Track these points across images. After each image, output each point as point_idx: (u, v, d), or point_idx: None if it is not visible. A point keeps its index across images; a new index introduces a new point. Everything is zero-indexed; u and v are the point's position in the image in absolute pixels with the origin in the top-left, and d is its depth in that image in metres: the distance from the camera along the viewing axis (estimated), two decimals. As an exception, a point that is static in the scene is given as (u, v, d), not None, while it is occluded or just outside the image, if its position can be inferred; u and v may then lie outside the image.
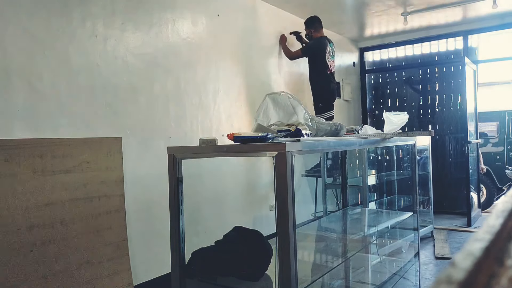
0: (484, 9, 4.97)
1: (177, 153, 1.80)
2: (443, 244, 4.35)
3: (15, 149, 2.18)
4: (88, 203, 2.50)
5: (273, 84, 4.44)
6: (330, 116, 4.41)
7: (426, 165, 4.97)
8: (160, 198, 2.60)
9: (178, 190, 1.79)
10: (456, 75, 6.01)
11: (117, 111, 2.83)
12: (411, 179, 3.09)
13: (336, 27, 5.58)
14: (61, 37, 2.53)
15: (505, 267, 0.40)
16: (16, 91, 2.29)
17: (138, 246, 2.87)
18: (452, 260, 0.37)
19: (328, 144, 1.90)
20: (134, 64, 2.95)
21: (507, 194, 0.57)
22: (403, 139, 2.84)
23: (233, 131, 3.09)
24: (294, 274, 1.45)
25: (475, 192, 5.67)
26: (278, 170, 1.45)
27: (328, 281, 2.73)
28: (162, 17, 3.19)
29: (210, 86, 3.62)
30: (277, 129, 1.92)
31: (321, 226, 3.17)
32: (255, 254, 1.77)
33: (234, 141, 1.70)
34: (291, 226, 1.43)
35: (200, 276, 1.82)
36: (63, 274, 2.33)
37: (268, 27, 4.43)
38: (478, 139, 5.82)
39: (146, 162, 2.98)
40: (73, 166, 2.44)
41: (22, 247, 2.17)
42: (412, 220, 2.97)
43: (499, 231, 0.43)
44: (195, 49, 3.48)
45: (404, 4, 4.74)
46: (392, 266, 3.19)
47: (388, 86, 6.68)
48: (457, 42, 5.98)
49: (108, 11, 2.79)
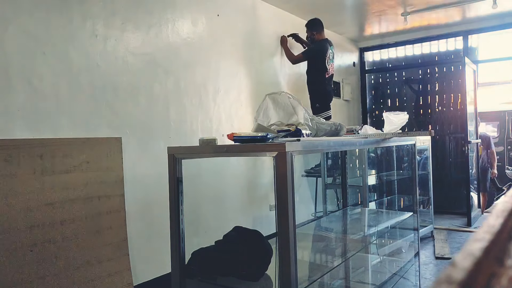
0: (484, 9, 4.97)
1: (177, 153, 1.80)
2: (443, 244, 4.35)
3: (15, 149, 2.18)
4: (88, 203, 2.50)
5: (273, 84, 4.44)
6: (328, 115, 4.43)
7: (426, 165, 4.97)
8: (160, 198, 2.60)
9: (178, 190, 1.79)
10: (456, 75, 6.01)
11: (117, 111, 2.83)
12: (411, 179, 3.09)
13: (336, 27, 5.57)
14: (61, 37, 2.53)
15: (505, 267, 0.40)
16: (16, 91, 2.29)
17: (138, 246, 2.87)
18: (452, 260, 0.37)
19: (328, 144, 1.90)
20: (134, 64, 2.95)
21: (507, 194, 0.57)
22: (403, 139, 2.84)
23: (233, 131, 3.09)
24: (294, 274, 1.45)
25: (475, 192, 5.67)
26: (278, 170, 1.45)
27: (328, 281, 2.73)
28: (162, 17, 3.19)
29: (210, 86, 3.62)
30: (277, 129, 1.92)
31: (321, 226, 3.16)
32: (255, 254, 1.77)
33: (234, 141, 1.70)
34: (291, 226, 1.43)
35: (200, 276, 1.82)
36: (63, 274, 2.33)
37: (268, 27, 4.43)
38: (478, 139, 5.82)
39: (146, 162, 2.98)
40: (73, 166, 2.44)
41: (22, 247, 2.17)
42: (412, 220, 2.97)
43: (499, 231, 0.43)
44: (195, 49, 3.48)
45: (404, 4, 4.74)
46: (392, 266, 3.19)
47: (388, 86, 6.68)
48: (457, 42, 5.98)
49: (108, 11, 2.79)
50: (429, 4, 4.77)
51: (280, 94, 2.10)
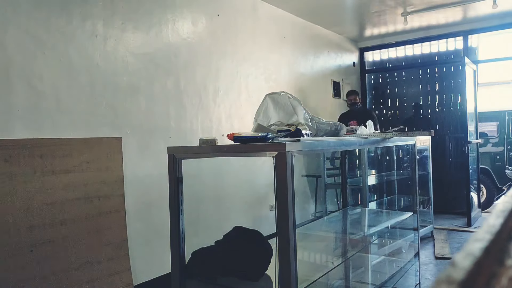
0: (484, 9, 4.97)
1: (177, 153, 1.80)
2: (443, 244, 4.35)
3: (15, 149, 2.18)
4: (88, 203, 2.50)
5: (273, 84, 4.44)
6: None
7: (426, 165, 4.97)
8: (160, 198, 2.60)
9: (178, 190, 1.79)
10: (456, 75, 6.01)
11: (117, 111, 2.83)
12: (411, 179, 3.09)
13: (336, 27, 5.57)
14: (61, 37, 2.53)
15: (505, 267, 0.40)
16: (16, 91, 2.29)
17: (138, 246, 2.87)
18: (452, 260, 0.37)
19: (328, 144, 1.90)
20: (134, 64, 2.95)
21: (507, 194, 0.57)
22: (403, 139, 2.84)
23: (233, 131, 3.08)
24: (294, 274, 1.45)
25: (475, 192, 5.67)
26: (278, 170, 1.45)
27: (328, 281, 2.72)
28: (162, 17, 3.19)
29: (210, 86, 3.62)
30: (277, 129, 1.92)
31: (321, 226, 3.16)
32: (255, 254, 1.77)
33: (234, 141, 1.69)
34: (291, 226, 1.43)
35: (200, 276, 1.82)
36: (63, 274, 2.33)
37: (268, 27, 4.43)
38: (478, 139, 5.81)
39: (146, 162, 2.98)
40: (73, 166, 2.44)
41: (22, 247, 2.17)
42: (412, 220, 2.97)
43: (499, 231, 0.43)
44: (195, 49, 3.48)
45: (404, 4, 4.74)
46: (392, 266, 3.18)
47: (388, 86, 6.68)
48: (457, 42, 5.98)
49: (108, 11, 2.79)
50: (429, 4, 4.77)
51: (280, 94, 2.10)
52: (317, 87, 5.30)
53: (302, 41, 5.00)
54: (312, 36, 5.24)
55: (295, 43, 4.77)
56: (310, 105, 4.53)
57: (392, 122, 6.35)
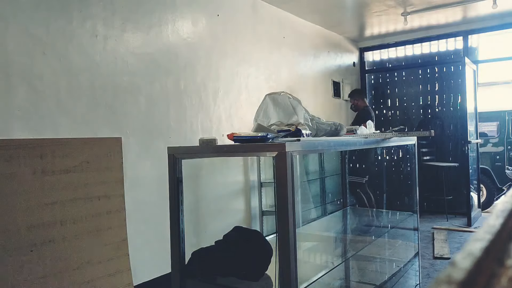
0: (484, 9, 4.97)
1: (177, 153, 1.80)
2: (443, 244, 4.35)
3: (15, 149, 2.18)
4: (88, 203, 2.50)
5: (273, 84, 4.44)
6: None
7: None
8: (160, 198, 2.60)
9: (178, 190, 1.79)
10: (456, 75, 6.01)
11: (117, 111, 2.83)
12: (411, 179, 3.09)
13: (336, 27, 5.57)
14: (61, 37, 2.53)
15: (505, 267, 0.40)
16: (16, 91, 2.29)
17: (138, 246, 2.87)
18: (452, 260, 0.37)
19: (328, 144, 1.90)
20: (134, 64, 2.95)
21: (507, 194, 0.57)
22: (403, 139, 2.84)
23: (233, 131, 3.08)
24: (294, 274, 1.45)
25: (475, 192, 5.67)
26: (278, 170, 1.45)
27: (328, 281, 2.72)
28: (162, 17, 3.19)
29: (210, 86, 3.62)
30: (277, 129, 1.92)
31: (321, 226, 3.16)
32: (255, 254, 1.77)
33: (234, 141, 1.69)
34: (291, 226, 1.43)
35: (200, 276, 1.82)
36: (63, 274, 2.33)
37: (268, 27, 4.43)
38: (478, 139, 5.81)
39: (146, 162, 2.98)
40: (73, 166, 2.44)
41: (22, 247, 2.17)
42: (412, 220, 2.97)
43: (499, 231, 0.43)
44: (195, 49, 3.48)
45: (404, 4, 4.74)
46: (392, 266, 3.19)
47: (388, 86, 6.68)
48: (457, 42, 5.98)
49: (108, 11, 2.79)
50: (429, 4, 4.77)
51: (280, 94, 2.10)
52: (317, 87, 5.30)
53: (302, 41, 5.00)
54: (312, 36, 5.24)
55: (295, 43, 4.76)
56: (310, 105, 4.53)
57: (407, 123, 6.28)
